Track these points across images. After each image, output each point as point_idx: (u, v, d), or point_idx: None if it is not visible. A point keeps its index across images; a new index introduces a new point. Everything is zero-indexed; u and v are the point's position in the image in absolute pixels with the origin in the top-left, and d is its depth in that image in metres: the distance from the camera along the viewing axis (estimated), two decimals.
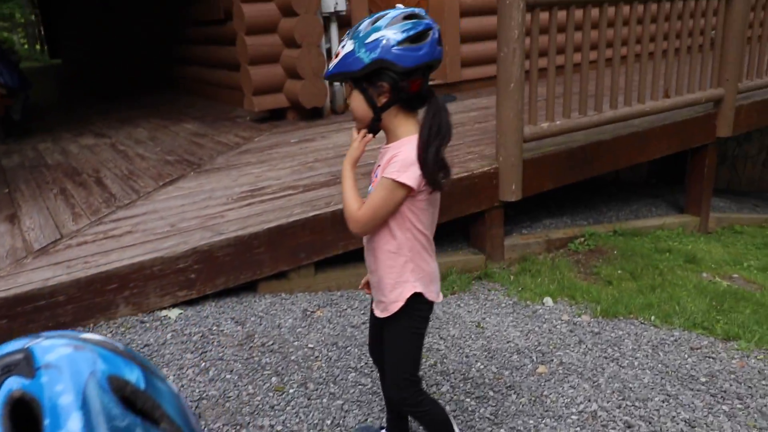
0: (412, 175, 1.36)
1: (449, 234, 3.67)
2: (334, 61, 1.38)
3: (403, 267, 1.48)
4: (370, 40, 1.32)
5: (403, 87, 1.36)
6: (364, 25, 1.36)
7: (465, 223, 3.52)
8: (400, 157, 1.38)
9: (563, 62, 3.41)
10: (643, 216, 4.60)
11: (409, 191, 1.39)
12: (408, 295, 1.50)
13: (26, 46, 27.45)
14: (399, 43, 1.32)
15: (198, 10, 6.33)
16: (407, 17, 1.34)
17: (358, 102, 1.41)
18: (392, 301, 1.51)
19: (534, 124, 3.37)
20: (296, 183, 3.25)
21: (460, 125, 4.46)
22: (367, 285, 1.66)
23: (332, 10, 4.93)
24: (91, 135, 5.24)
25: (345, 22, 5.20)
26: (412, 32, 1.32)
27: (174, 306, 2.51)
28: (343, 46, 1.37)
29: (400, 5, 1.41)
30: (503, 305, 2.91)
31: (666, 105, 3.97)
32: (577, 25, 3.39)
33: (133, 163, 4.05)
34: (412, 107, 1.43)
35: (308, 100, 4.86)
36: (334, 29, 5.06)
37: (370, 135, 1.48)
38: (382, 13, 1.37)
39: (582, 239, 3.84)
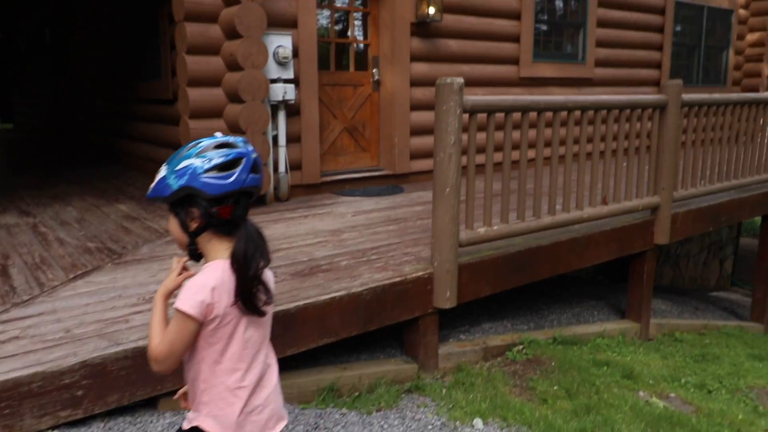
0: (193, 303, 1.32)
1: (384, 339, 3.49)
2: (152, 185, 1.39)
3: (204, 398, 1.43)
4: (179, 167, 1.35)
5: (213, 213, 1.37)
6: (180, 152, 1.38)
7: (400, 328, 3.35)
8: (188, 284, 1.36)
9: (501, 159, 3.41)
10: (584, 320, 4.53)
11: (195, 323, 1.34)
12: (197, 425, 1.42)
13: None
14: (206, 171, 1.34)
15: (148, 88, 6.26)
16: (219, 146, 1.37)
17: (173, 226, 1.42)
18: (190, 419, 1.45)
19: (471, 229, 3.30)
20: None
21: (402, 221, 4.39)
22: (185, 396, 1.54)
23: (280, 98, 4.91)
24: (15, 212, 4.94)
25: (294, 111, 5.20)
26: (221, 161, 1.35)
27: (54, 428, 2.21)
28: (159, 172, 1.39)
29: (218, 133, 1.44)
30: (430, 427, 2.70)
31: (604, 212, 3.99)
32: (515, 124, 3.42)
33: (49, 249, 3.78)
34: (227, 232, 1.40)
35: None
36: (281, 117, 5.03)
37: (189, 267, 1.46)
38: (197, 141, 1.39)
39: (521, 347, 3.70)
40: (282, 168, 5.08)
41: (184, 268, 1.45)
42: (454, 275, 3.19)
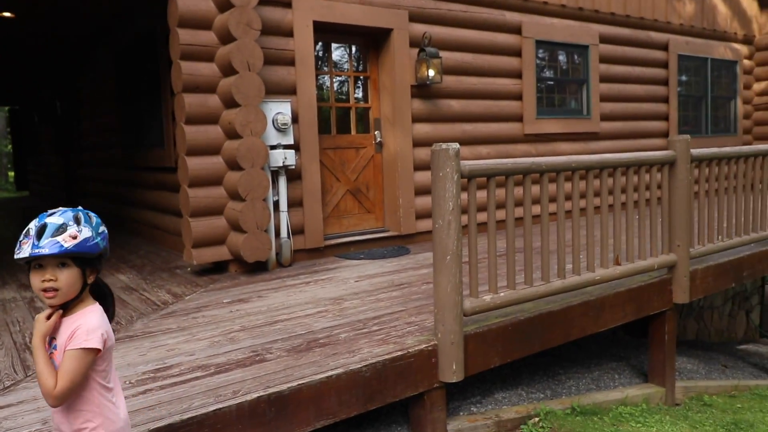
0: (97, 338, 1.61)
1: (388, 415, 3.27)
2: (72, 242, 1.58)
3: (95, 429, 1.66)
4: (100, 231, 1.68)
5: (100, 269, 1.71)
6: (87, 215, 1.67)
7: (405, 403, 3.14)
8: (83, 328, 1.60)
9: (505, 217, 3.27)
10: (605, 385, 4.26)
11: (96, 353, 1.62)
12: None
13: None
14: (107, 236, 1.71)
15: (152, 156, 6.30)
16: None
17: (72, 279, 1.61)
18: None
19: (475, 297, 3.13)
20: (209, 361, 2.88)
21: (406, 285, 4.23)
22: None
23: (281, 164, 4.87)
24: (14, 286, 4.86)
25: (295, 176, 5.15)
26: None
27: None
28: (79, 231, 1.61)
29: (80, 208, 1.70)
30: None
31: (617, 273, 3.80)
32: (517, 182, 3.30)
33: None
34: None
35: (250, 254, 4.62)
36: (282, 182, 4.98)
37: (60, 311, 1.65)
38: (80, 209, 1.68)
39: (537, 419, 3.45)
40: (284, 233, 4.98)
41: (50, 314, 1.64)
42: (459, 347, 3.00)
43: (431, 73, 5.80)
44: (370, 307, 3.69)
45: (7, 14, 6.68)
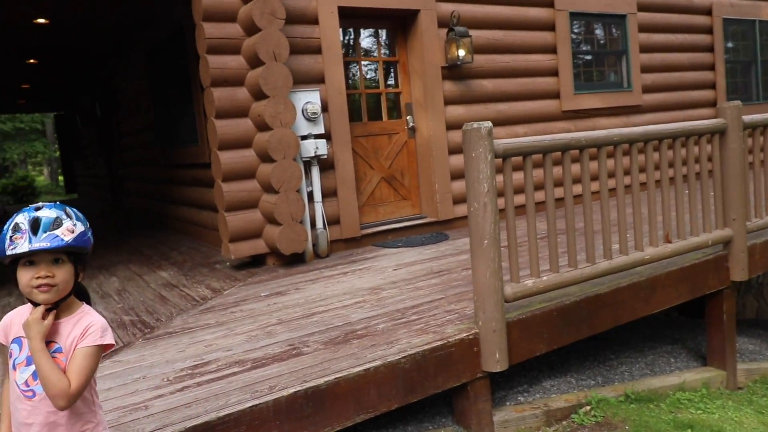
0: (111, 335, 1.62)
1: (433, 405, 3.18)
2: (71, 236, 1.54)
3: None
4: (88, 226, 1.62)
5: (86, 267, 1.67)
6: (72, 212, 1.60)
7: (449, 393, 3.04)
8: (97, 325, 1.59)
9: (544, 198, 3.11)
10: (660, 369, 4.05)
11: (106, 350, 1.63)
12: None
13: (49, 181, 28.66)
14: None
15: (188, 153, 6.34)
16: None
17: (69, 276, 1.56)
18: None
19: (516, 282, 2.99)
20: (246, 356, 2.84)
21: (445, 272, 4.12)
22: None
23: (313, 154, 4.81)
24: None
25: (328, 165, 5.08)
26: None
27: None
28: (74, 225, 1.57)
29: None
30: None
31: (668, 251, 3.59)
32: (555, 161, 3.13)
33: None
34: None
35: (287, 247, 4.58)
36: (315, 173, 4.92)
37: (54, 311, 1.58)
38: (62, 204, 1.61)
39: (588, 407, 3.30)
40: (319, 224, 4.93)
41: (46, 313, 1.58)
42: (502, 335, 2.88)
43: (461, 53, 5.63)
44: (408, 295, 3.60)
45: (41, 20, 6.81)
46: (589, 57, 6.90)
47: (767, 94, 8.79)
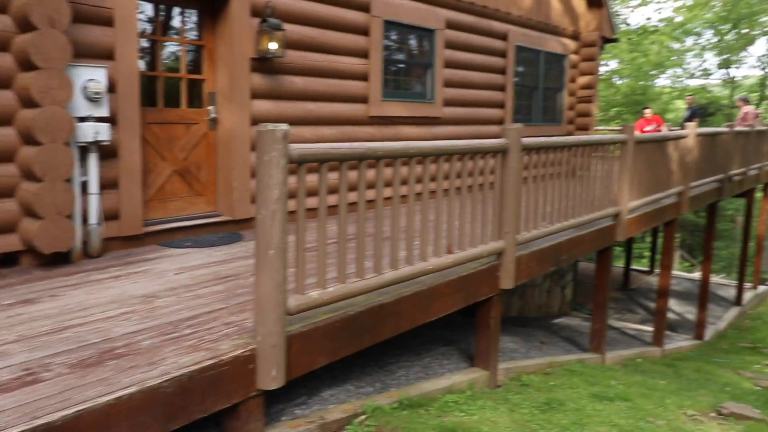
0: None
1: (202, 428, 2.95)
2: None
3: None
4: None
5: None
6: None
7: (219, 415, 2.85)
8: None
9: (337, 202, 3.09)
10: (433, 372, 4.32)
11: None
12: None
13: None
14: None
15: None
16: None
17: None
18: None
19: (301, 293, 2.92)
20: None
21: (232, 278, 3.91)
22: None
23: (91, 139, 4.23)
24: None
25: (110, 153, 4.53)
26: None
27: None
28: None
29: None
30: None
31: (449, 261, 3.82)
32: (352, 166, 3.13)
33: None
34: None
35: (48, 244, 3.97)
36: (93, 161, 4.34)
37: None
38: None
39: (363, 417, 3.36)
40: (93, 219, 4.36)
41: None
42: (281, 349, 2.78)
43: (273, 45, 5.42)
44: (186, 305, 3.32)
45: None
46: (399, 66, 7.15)
47: (545, 117, 10.00)
